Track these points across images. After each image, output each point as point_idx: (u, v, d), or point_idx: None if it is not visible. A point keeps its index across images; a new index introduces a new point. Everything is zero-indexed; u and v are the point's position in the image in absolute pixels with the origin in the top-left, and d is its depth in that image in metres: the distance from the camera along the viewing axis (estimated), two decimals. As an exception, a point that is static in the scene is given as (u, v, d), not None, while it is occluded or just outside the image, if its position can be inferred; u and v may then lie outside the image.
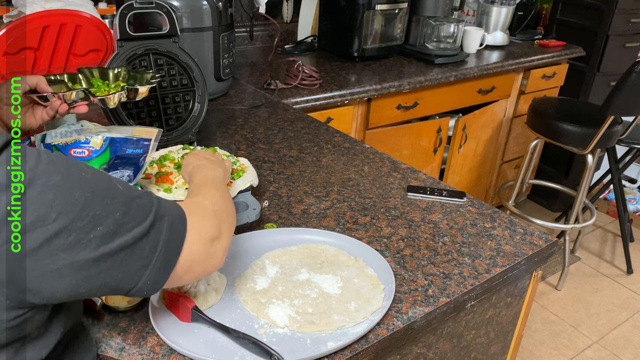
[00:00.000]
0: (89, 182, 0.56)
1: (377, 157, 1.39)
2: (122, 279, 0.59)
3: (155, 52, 1.24)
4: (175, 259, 0.63)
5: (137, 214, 0.59)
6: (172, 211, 0.64)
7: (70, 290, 0.56)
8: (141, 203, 0.60)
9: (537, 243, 1.06)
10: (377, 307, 0.83)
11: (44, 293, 0.54)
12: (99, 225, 0.55)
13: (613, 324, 2.39)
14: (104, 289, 0.58)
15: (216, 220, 0.71)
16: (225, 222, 0.73)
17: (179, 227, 0.64)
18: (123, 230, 0.57)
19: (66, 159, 0.56)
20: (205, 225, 0.68)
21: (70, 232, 0.53)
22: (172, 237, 0.62)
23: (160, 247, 0.61)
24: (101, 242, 0.55)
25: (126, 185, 0.61)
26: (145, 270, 0.60)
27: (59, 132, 0.90)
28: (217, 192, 0.79)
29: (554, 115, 2.37)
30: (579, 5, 2.78)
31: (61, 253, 0.53)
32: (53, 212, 0.52)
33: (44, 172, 0.53)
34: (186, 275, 0.66)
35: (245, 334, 0.76)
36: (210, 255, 0.68)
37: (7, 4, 1.49)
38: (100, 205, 0.55)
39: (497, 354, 1.17)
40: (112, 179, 0.60)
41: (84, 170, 0.56)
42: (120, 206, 0.57)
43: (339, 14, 2.26)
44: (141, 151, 0.91)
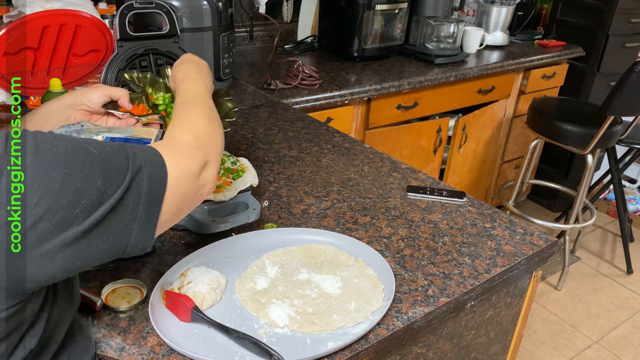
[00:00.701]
0: (62, 157, 0.54)
1: (377, 157, 1.39)
2: (113, 240, 0.58)
3: (155, 52, 1.24)
4: (159, 205, 0.62)
5: (116, 175, 0.58)
6: (149, 159, 0.63)
7: (66, 267, 0.55)
8: (118, 162, 0.59)
9: (537, 243, 1.06)
10: (377, 307, 0.83)
11: (40, 276, 0.54)
12: (82, 198, 0.54)
13: (613, 324, 2.39)
14: (99, 256, 0.58)
15: (201, 151, 0.70)
16: (211, 147, 0.72)
17: (159, 173, 0.63)
18: (106, 197, 0.56)
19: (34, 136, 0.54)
20: (186, 162, 0.67)
21: (54, 213, 0.52)
22: (153, 185, 0.62)
23: (143, 199, 0.60)
24: (87, 214, 0.55)
25: (99, 145, 0.59)
26: (133, 224, 0.60)
27: (58, 132, 0.90)
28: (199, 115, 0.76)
29: (554, 115, 2.37)
30: (579, 5, 2.78)
31: (49, 235, 0.52)
32: (33, 196, 0.51)
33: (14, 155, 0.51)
34: (179, 213, 0.67)
35: (245, 334, 0.76)
36: (199, 187, 0.69)
37: (7, 4, 1.49)
38: (79, 178, 0.54)
39: (497, 354, 1.17)
40: (85, 143, 0.58)
41: (54, 145, 0.54)
42: (99, 173, 0.56)
43: (339, 14, 2.26)
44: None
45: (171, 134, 0.73)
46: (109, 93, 0.92)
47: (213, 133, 0.75)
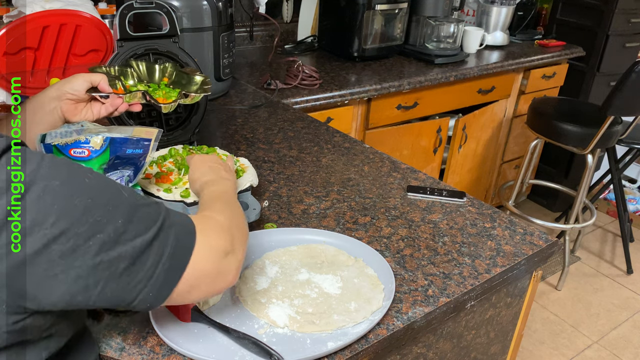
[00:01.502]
0: (91, 188, 0.54)
1: (377, 157, 1.39)
2: (122, 290, 0.56)
3: (155, 52, 1.24)
4: (179, 273, 0.60)
5: (141, 222, 0.57)
6: (180, 222, 0.62)
7: (68, 298, 0.54)
8: (147, 212, 0.58)
9: (537, 243, 1.06)
10: (377, 307, 0.83)
11: (40, 299, 0.53)
12: (99, 232, 0.53)
13: (613, 324, 2.39)
14: (102, 299, 0.56)
15: (229, 234, 0.67)
16: (238, 237, 0.69)
17: (187, 239, 0.61)
18: (124, 239, 0.55)
19: (70, 164, 0.55)
20: (217, 239, 0.65)
21: (68, 238, 0.52)
22: (178, 250, 0.60)
23: (165, 259, 0.58)
24: (100, 249, 0.53)
25: (134, 193, 0.59)
26: (147, 282, 0.57)
27: (59, 132, 0.90)
28: (228, 207, 0.76)
29: (554, 115, 2.37)
30: (579, 5, 2.78)
31: (58, 259, 0.52)
32: (51, 217, 0.51)
33: (44, 176, 0.52)
34: (193, 292, 0.63)
35: (245, 334, 0.76)
36: (222, 271, 0.65)
37: (7, 4, 1.49)
38: (101, 211, 0.54)
39: (497, 354, 1.17)
40: (119, 186, 0.58)
41: (87, 177, 0.55)
42: (123, 214, 0.55)
43: (339, 14, 2.26)
44: (141, 151, 0.91)
45: (203, 213, 0.72)
46: (90, 79, 0.92)
47: (241, 226, 0.73)
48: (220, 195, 0.80)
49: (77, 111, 0.92)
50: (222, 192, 0.82)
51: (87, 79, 0.92)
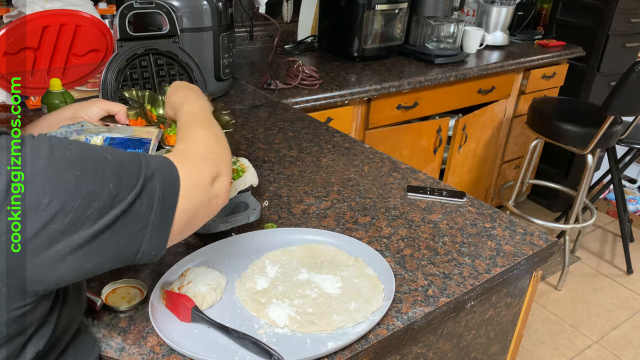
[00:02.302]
0: (76, 160, 0.55)
1: (377, 157, 1.39)
2: (124, 245, 0.58)
3: (155, 52, 1.24)
4: (172, 212, 0.63)
5: (129, 180, 0.58)
6: (162, 166, 0.64)
7: (75, 270, 0.56)
8: (131, 168, 0.59)
9: (537, 243, 1.06)
10: (377, 307, 0.83)
11: (48, 279, 0.54)
12: (94, 200, 0.54)
13: (613, 324, 2.39)
14: (109, 261, 0.58)
15: (211, 161, 0.70)
16: (220, 159, 0.73)
17: (171, 180, 0.63)
18: (118, 200, 0.57)
19: (48, 140, 0.55)
20: (198, 171, 0.68)
21: (66, 214, 0.53)
22: (166, 192, 0.62)
23: (156, 205, 0.60)
24: (98, 216, 0.55)
25: (112, 151, 0.60)
26: (145, 230, 0.60)
27: (58, 132, 0.90)
28: (206, 131, 0.78)
29: (554, 115, 2.37)
30: (579, 5, 2.78)
31: (60, 235, 0.53)
32: (45, 197, 0.51)
33: (27, 159, 0.52)
34: (192, 223, 0.67)
35: (245, 334, 0.76)
36: (212, 197, 0.69)
37: (7, 4, 1.49)
38: (91, 180, 0.55)
39: (497, 354, 1.17)
40: (100, 149, 0.59)
41: (68, 149, 0.55)
42: (112, 177, 0.57)
43: (339, 14, 2.26)
44: (141, 151, 0.91)
45: (181, 147, 0.74)
46: (108, 108, 0.93)
47: (222, 147, 0.76)
48: (195, 118, 0.82)
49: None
50: (196, 113, 0.84)
51: (106, 108, 0.92)
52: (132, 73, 1.22)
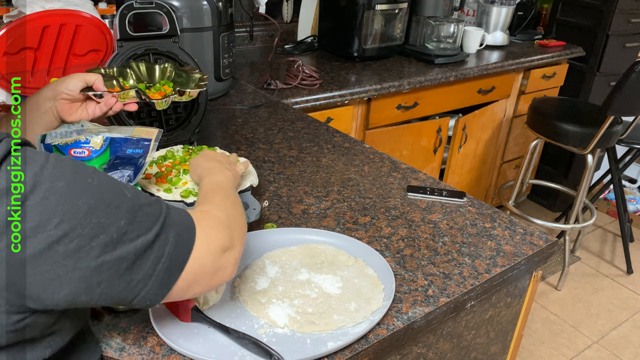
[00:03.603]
0: (95, 189, 0.55)
1: (377, 157, 1.39)
2: (123, 289, 0.57)
3: (155, 52, 1.24)
4: (179, 271, 0.61)
5: (143, 222, 0.58)
6: (180, 221, 0.62)
7: (71, 298, 0.55)
8: (148, 211, 0.59)
9: (537, 243, 1.06)
10: (377, 307, 0.83)
11: (43, 299, 0.54)
12: (102, 233, 0.54)
13: (613, 324, 2.39)
14: (105, 298, 0.57)
15: (227, 230, 0.68)
16: (236, 232, 0.70)
17: (187, 237, 0.62)
18: (126, 239, 0.56)
19: (74, 164, 0.55)
20: (216, 236, 0.66)
21: (72, 239, 0.52)
22: (178, 248, 0.60)
23: (165, 258, 0.59)
24: (103, 250, 0.54)
25: (136, 192, 0.60)
26: (148, 281, 0.58)
27: (59, 132, 0.90)
28: (227, 200, 0.76)
29: (554, 115, 2.37)
30: (579, 5, 2.78)
31: (62, 260, 0.52)
32: (55, 218, 0.51)
33: (49, 177, 0.52)
34: (192, 288, 0.64)
35: (245, 334, 0.76)
36: (220, 268, 0.66)
37: (7, 4, 1.49)
38: (104, 212, 0.54)
39: (497, 354, 1.17)
40: (121, 185, 0.59)
41: (90, 177, 0.56)
42: (125, 214, 0.56)
43: (339, 14, 2.26)
44: (141, 151, 0.91)
45: (202, 208, 0.72)
46: (85, 79, 0.92)
47: (240, 219, 0.74)
48: (219, 187, 0.81)
49: (72, 111, 0.92)
50: (221, 183, 0.83)
51: (82, 79, 0.92)
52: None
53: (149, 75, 1.13)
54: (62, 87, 0.90)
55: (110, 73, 1.06)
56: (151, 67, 1.14)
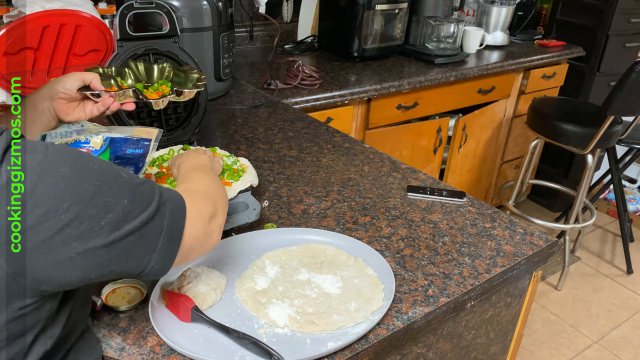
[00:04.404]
0: (97, 172, 0.57)
1: (377, 157, 1.39)
2: (132, 263, 0.61)
3: (155, 52, 1.24)
4: (179, 240, 0.66)
5: (143, 200, 0.61)
6: (172, 197, 0.67)
7: (82, 277, 0.57)
8: (145, 189, 0.62)
9: (537, 243, 1.06)
10: (377, 307, 0.83)
11: (57, 281, 0.56)
12: (109, 212, 0.57)
13: (613, 324, 2.39)
14: (115, 273, 0.60)
15: (210, 200, 0.75)
16: (218, 201, 0.77)
17: (180, 210, 0.67)
18: (131, 217, 0.59)
19: (72, 150, 0.58)
20: (202, 207, 0.72)
21: (82, 221, 0.54)
22: (175, 220, 0.65)
23: (165, 230, 0.63)
24: (112, 229, 0.57)
25: (129, 173, 0.63)
26: (153, 253, 0.62)
27: (59, 132, 0.90)
28: (205, 176, 0.84)
29: (554, 115, 2.37)
30: (579, 5, 2.78)
31: (74, 242, 0.54)
32: (65, 202, 0.53)
33: (53, 163, 0.54)
34: (189, 254, 0.69)
35: (245, 334, 0.76)
36: (209, 233, 0.72)
37: (7, 4, 1.49)
38: (108, 193, 0.57)
39: (497, 354, 1.17)
40: (117, 167, 0.62)
41: (90, 160, 0.58)
42: (127, 193, 0.59)
43: (339, 14, 2.26)
44: (141, 151, 0.91)
45: (184, 186, 0.79)
46: (82, 77, 0.92)
47: (219, 189, 0.82)
48: (196, 167, 0.88)
49: (70, 110, 0.92)
50: (198, 164, 0.89)
51: (79, 78, 0.92)
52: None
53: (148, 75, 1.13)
54: (59, 86, 0.90)
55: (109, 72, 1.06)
56: (150, 67, 1.14)
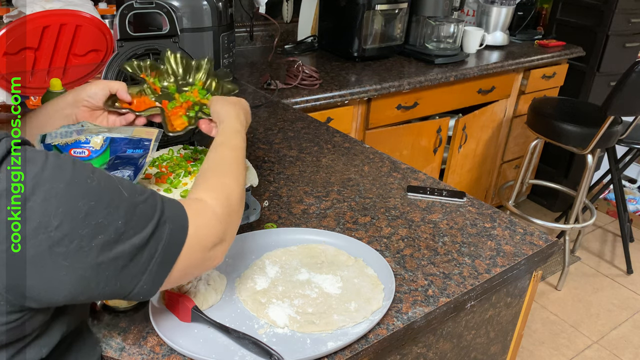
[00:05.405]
0: (94, 190, 0.55)
1: (377, 157, 1.39)
2: (120, 285, 0.58)
3: (155, 52, 1.24)
4: (171, 266, 0.63)
5: (139, 221, 0.59)
6: (174, 215, 0.63)
7: (70, 297, 0.56)
8: (144, 210, 0.60)
9: (537, 243, 1.06)
10: (377, 307, 0.83)
11: (44, 299, 0.54)
12: (101, 233, 0.55)
13: (613, 324, 2.39)
14: (102, 295, 0.58)
15: (221, 226, 0.69)
16: (231, 227, 0.72)
17: (179, 235, 0.63)
18: (123, 239, 0.57)
19: (72, 164, 0.56)
20: (208, 234, 0.67)
21: (72, 240, 0.53)
22: (171, 244, 0.62)
23: (158, 254, 0.60)
24: (102, 250, 0.55)
25: (132, 189, 0.60)
26: (142, 276, 0.60)
27: (59, 132, 0.90)
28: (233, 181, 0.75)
29: (554, 115, 2.37)
30: (579, 5, 2.78)
31: (62, 260, 0.53)
32: (56, 219, 0.52)
33: (49, 178, 0.52)
34: (182, 279, 0.67)
35: (245, 334, 0.76)
36: (208, 259, 0.68)
37: (7, 4, 1.49)
38: (103, 213, 0.55)
39: (497, 354, 1.17)
40: (118, 184, 0.59)
41: (89, 177, 0.56)
42: (123, 214, 0.57)
43: (339, 14, 2.26)
44: (141, 151, 0.91)
45: (202, 195, 0.71)
46: (108, 86, 0.91)
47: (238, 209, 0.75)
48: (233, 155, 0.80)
49: (93, 118, 0.91)
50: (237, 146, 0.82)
51: (105, 86, 0.91)
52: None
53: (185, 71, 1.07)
54: (84, 94, 0.89)
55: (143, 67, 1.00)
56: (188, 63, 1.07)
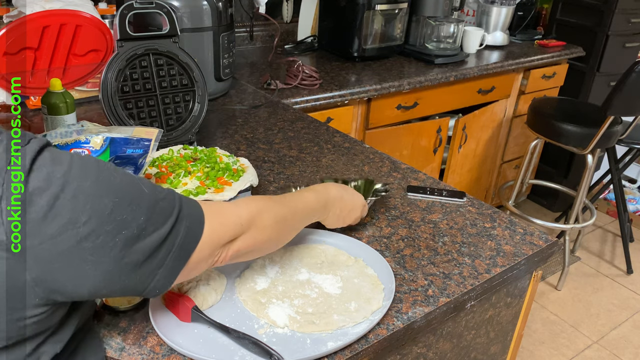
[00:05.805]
0: (118, 187, 0.58)
1: (377, 157, 1.39)
2: (139, 280, 0.61)
3: (155, 52, 1.24)
4: (186, 260, 0.65)
5: (159, 218, 0.61)
6: (192, 214, 0.66)
7: (94, 291, 0.58)
8: (164, 206, 0.62)
9: (537, 243, 1.06)
10: (377, 307, 0.83)
11: (69, 292, 0.57)
12: (125, 229, 0.57)
13: (613, 324, 2.39)
14: (122, 290, 0.60)
15: (239, 230, 0.71)
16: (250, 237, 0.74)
17: (196, 230, 0.66)
18: (145, 234, 0.59)
19: (96, 163, 0.58)
20: (222, 232, 0.70)
21: (98, 236, 0.55)
22: (187, 240, 0.64)
23: (175, 248, 0.63)
24: (125, 245, 0.57)
25: (152, 187, 0.63)
26: (159, 270, 0.62)
27: (59, 132, 0.90)
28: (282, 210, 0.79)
29: (554, 115, 2.37)
30: (579, 5, 2.78)
31: (89, 255, 0.55)
32: (84, 215, 0.54)
33: (76, 177, 0.54)
34: (191, 273, 0.69)
35: (245, 334, 0.76)
36: (216, 255, 0.70)
37: (7, 4, 1.49)
38: (126, 210, 0.57)
39: (497, 354, 1.17)
40: (139, 181, 0.62)
41: (112, 175, 0.58)
42: (145, 211, 0.59)
43: (339, 14, 2.26)
44: (141, 151, 0.91)
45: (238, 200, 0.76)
46: None
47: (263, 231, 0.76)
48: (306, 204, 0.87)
49: None
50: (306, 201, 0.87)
51: None
52: (132, 73, 1.22)
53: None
54: None
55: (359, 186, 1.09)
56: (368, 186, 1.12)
